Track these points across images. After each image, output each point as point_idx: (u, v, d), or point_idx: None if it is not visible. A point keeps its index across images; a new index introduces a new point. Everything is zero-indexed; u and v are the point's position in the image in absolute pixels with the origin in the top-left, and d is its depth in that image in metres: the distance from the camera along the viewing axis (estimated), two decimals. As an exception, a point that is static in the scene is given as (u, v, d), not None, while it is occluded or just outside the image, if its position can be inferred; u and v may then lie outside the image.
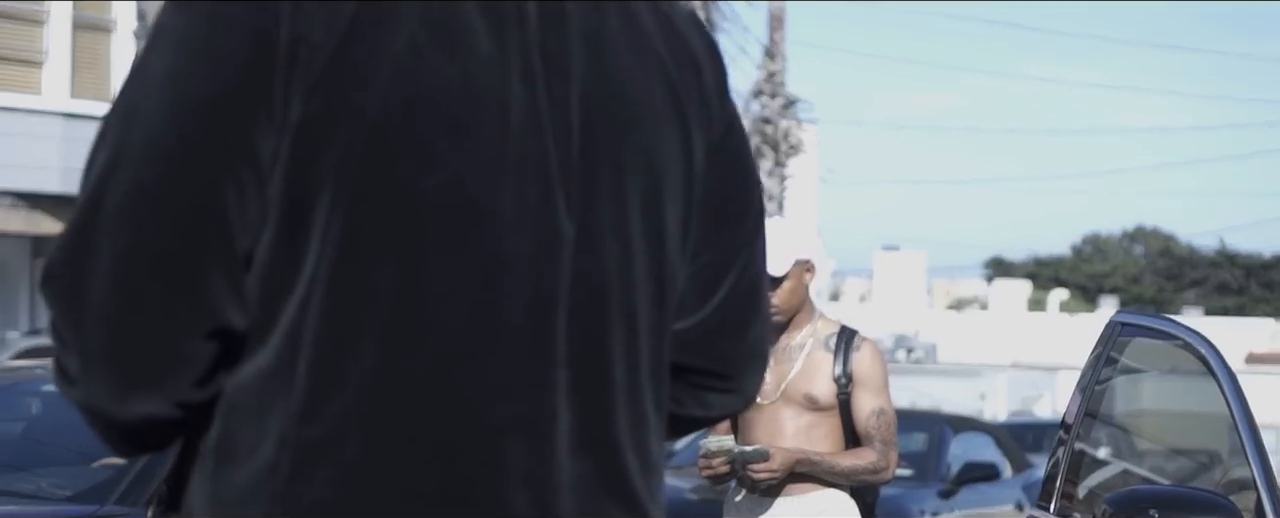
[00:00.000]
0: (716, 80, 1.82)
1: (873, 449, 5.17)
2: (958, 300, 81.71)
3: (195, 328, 1.55)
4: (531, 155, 1.62)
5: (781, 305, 5.23)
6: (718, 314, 1.81)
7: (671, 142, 1.73)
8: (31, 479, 5.79)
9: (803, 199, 34.07)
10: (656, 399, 1.73)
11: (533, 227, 1.61)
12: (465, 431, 1.58)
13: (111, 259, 1.53)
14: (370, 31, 1.56)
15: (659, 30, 1.76)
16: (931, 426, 12.17)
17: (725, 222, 1.81)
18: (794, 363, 5.25)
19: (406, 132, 1.56)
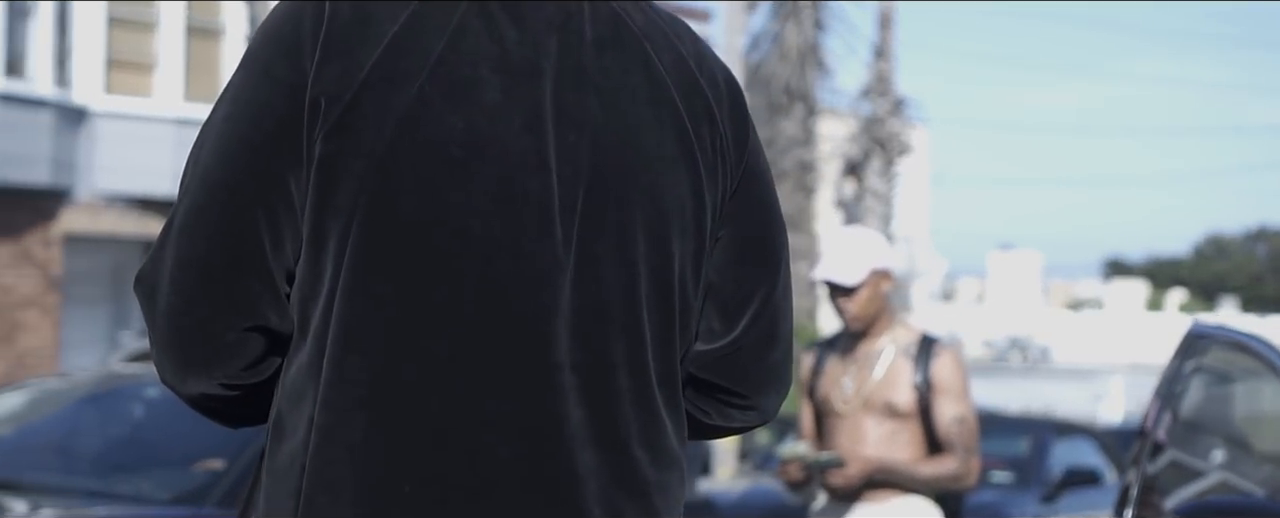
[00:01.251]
0: (734, 131, 2.00)
1: (954, 457, 5.18)
2: (1075, 301, 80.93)
3: (234, 324, 1.86)
4: (533, 193, 1.84)
5: (858, 314, 5.26)
6: (739, 340, 2.01)
7: (680, 185, 1.92)
8: (134, 482, 5.92)
9: (912, 200, 33.89)
10: (670, 403, 1.93)
11: (528, 253, 1.83)
12: (453, 422, 1.81)
13: (172, 267, 1.87)
14: (381, 85, 1.83)
15: (680, 86, 1.95)
16: (1034, 430, 12.11)
17: (745, 259, 2.01)
18: (874, 371, 5.28)
19: (409, 170, 1.82)
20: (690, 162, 1.94)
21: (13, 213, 17.46)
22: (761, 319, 2.03)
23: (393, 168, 1.82)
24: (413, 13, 1.87)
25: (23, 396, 7.18)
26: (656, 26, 1.98)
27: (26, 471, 6.02)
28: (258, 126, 1.85)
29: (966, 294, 76.23)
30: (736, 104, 2.02)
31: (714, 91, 1.99)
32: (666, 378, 1.93)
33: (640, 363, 1.89)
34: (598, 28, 1.94)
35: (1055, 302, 79.18)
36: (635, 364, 1.89)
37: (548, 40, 1.90)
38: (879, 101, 27.50)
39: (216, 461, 5.82)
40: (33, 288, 17.73)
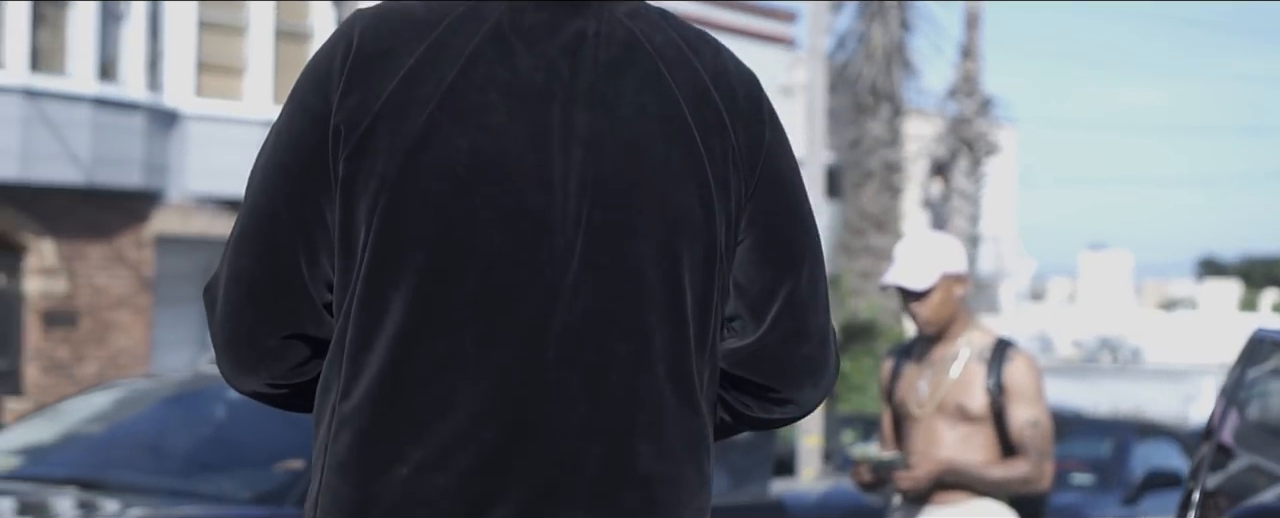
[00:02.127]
0: (749, 140, 2.13)
1: (1026, 460, 5.19)
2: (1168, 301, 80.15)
3: (275, 332, 2.10)
4: (534, 208, 2.02)
5: (930, 318, 5.29)
6: (766, 337, 2.14)
7: (688, 195, 2.07)
8: (216, 481, 6.03)
9: (1000, 200, 33.71)
10: (684, 401, 2.07)
11: (527, 263, 2.01)
12: (449, 415, 1.99)
13: (226, 282, 2.12)
14: (395, 113, 2.03)
15: (691, 100, 2.10)
16: (1116, 432, 12.06)
17: (767, 260, 2.14)
18: (948, 375, 5.30)
19: (416, 189, 2.02)
20: (698, 172, 2.08)
21: (106, 215, 17.72)
22: (786, 316, 2.14)
23: (402, 187, 2.02)
24: (431, 44, 2.06)
25: (112, 395, 7.33)
26: (673, 43, 2.12)
27: (113, 470, 6.15)
28: (293, 155, 2.08)
29: (1057, 294, 75.66)
30: (753, 115, 2.14)
31: (728, 104, 2.12)
32: (679, 378, 2.06)
33: (645, 363, 2.03)
34: (611, 49, 2.09)
35: (1148, 302, 78.46)
36: (640, 365, 2.03)
37: (561, 63, 2.07)
38: (966, 101, 27.41)
39: (297, 460, 5.92)
40: (125, 289, 17.99)
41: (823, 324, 2.19)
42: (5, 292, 16.99)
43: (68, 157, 16.59)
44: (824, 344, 2.19)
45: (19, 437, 7.23)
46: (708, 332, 2.10)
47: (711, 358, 2.11)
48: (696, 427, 2.08)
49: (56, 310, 17.12)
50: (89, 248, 17.61)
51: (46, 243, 17.15)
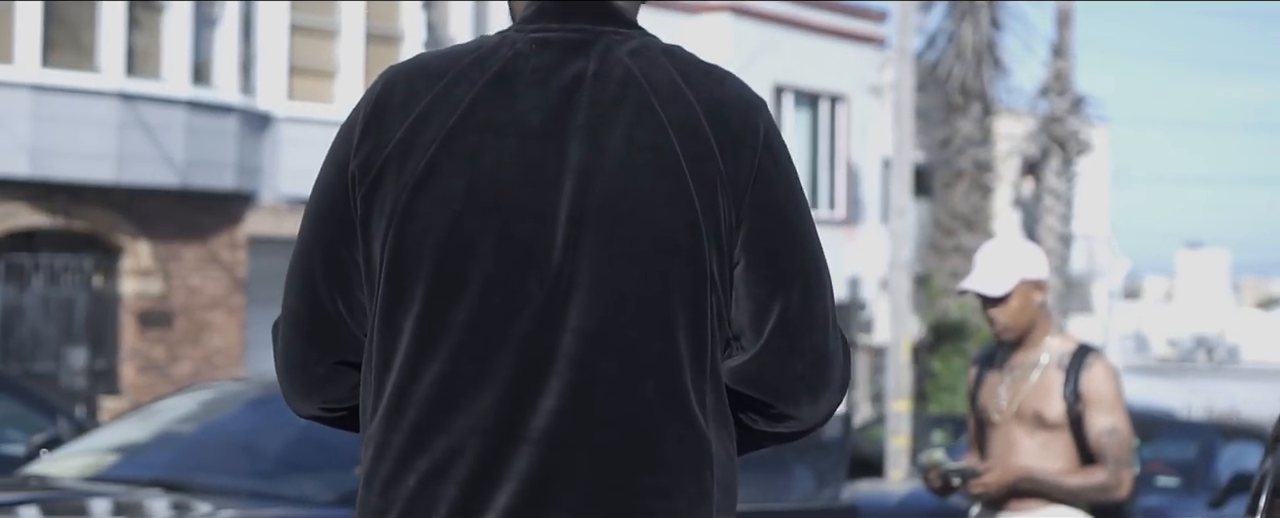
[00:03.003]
0: (736, 167, 2.24)
1: (1104, 468, 5.18)
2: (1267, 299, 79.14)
3: (322, 359, 2.32)
4: (524, 238, 2.20)
5: (1008, 324, 5.28)
6: (760, 355, 2.25)
7: (674, 220, 2.20)
8: (298, 483, 6.12)
9: (1092, 199, 33.43)
10: (679, 414, 2.20)
11: (518, 289, 2.19)
12: (449, 431, 2.18)
13: (281, 317, 2.37)
14: (401, 156, 2.24)
15: (681, 131, 2.23)
16: (1202, 434, 11.96)
17: (760, 281, 2.25)
18: (1027, 381, 5.31)
19: (417, 225, 2.22)
20: (684, 199, 2.20)
21: (200, 216, 17.95)
22: (779, 335, 2.25)
23: (405, 223, 2.22)
24: (437, 92, 2.26)
25: (201, 397, 7.46)
26: (668, 78, 2.25)
27: (198, 472, 6.26)
28: (323, 202, 2.31)
29: (1154, 293, 74.95)
30: (746, 143, 2.25)
31: (719, 133, 2.23)
32: (671, 393, 2.19)
33: (633, 380, 2.18)
34: (608, 88, 2.24)
35: (1246, 300, 77.54)
36: (628, 381, 2.18)
37: (559, 103, 2.24)
38: (1057, 100, 27.21)
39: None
40: (219, 289, 18.22)
41: (819, 342, 2.28)
42: (102, 292, 17.26)
43: (163, 159, 16.82)
44: (821, 362, 2.28)
45: (112, 437, 7.37)
46: (705, 349, 2.21)
47: (712, 374, 2.23)
48: (692, 440, 2.20)
49: (152, 311, 17.38)
50: (184, 249, 17.85)
51: (142, 244, 17.41)
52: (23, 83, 15.96)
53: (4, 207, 16.24)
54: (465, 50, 2.31)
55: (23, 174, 16.06)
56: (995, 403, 5.37)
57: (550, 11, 2.31)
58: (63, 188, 16.53)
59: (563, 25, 2.30)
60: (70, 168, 16.32)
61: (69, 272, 17.09)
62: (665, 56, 2.28)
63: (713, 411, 2.23)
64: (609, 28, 2.30)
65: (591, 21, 2.31)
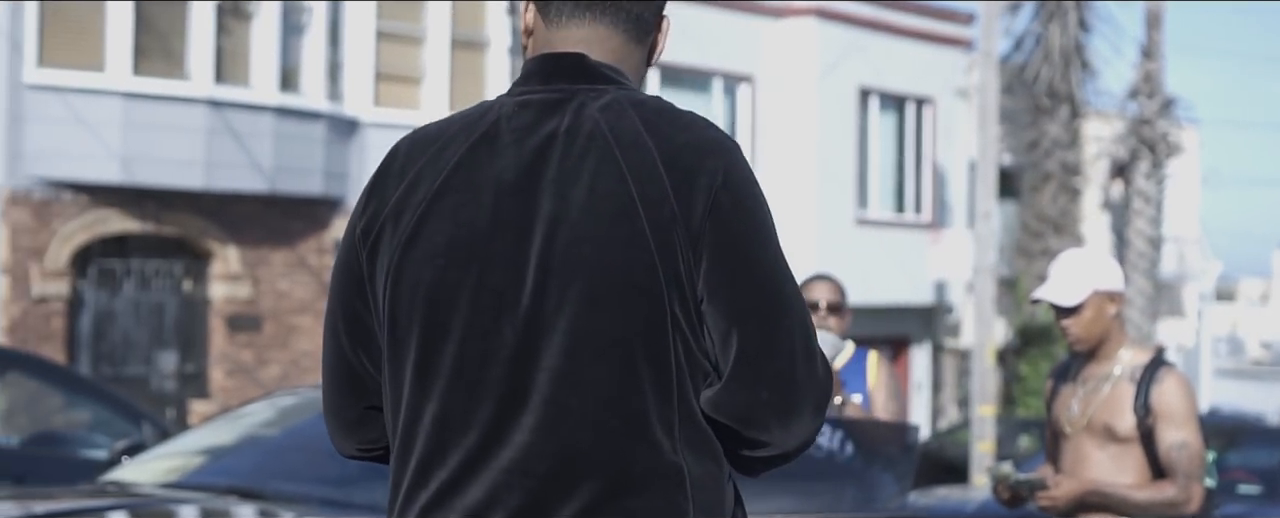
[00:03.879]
0: (693, 209, 2.40)
1: (1173, 483, 5.15)
2: (1365, 301, 77.90)
3: (353, 407, 2.59)
4: (495, 286, 2.41)
5: (1081, 335, 5.27)
6: (728, 384, 2.41)
7: (631, 262, 2.37)
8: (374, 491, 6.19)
9: (1183, 201, 33.12)
10: (643, 439, 2.38)
11: (493, 333, 2.40)
12: (445, 466, 2.41)
13: (321, 368, 2.63)
14: (395, 217, 2.48)
15: (639, 179, 2.40)
16: (1284, 441, 11.84)
17: (721, 313, 2.40)
18: (1099, 394, 5.29)
19: (407, 278, 2.46)
20: (640, 241, 2.38)
21: (288, 221, 18.13)
22: (741, 365, 2.40)
23: (398, 277, 2.46)
24: (430, 156, 2.49)
25: (280, 403, 7.56)
26: (632, 129, 2.43)
27: (275, 479, 6.35)
28: (340, 261, 2.56)
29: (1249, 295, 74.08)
30: (702, 185, 2.40)
31: (675, 178, 2.40)
32: (638, 424, 2.38)
33: (601, 413, 2.37)
34: (577, 141, 2.43)
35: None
36: (596, 414, 2.37)
37: (533, 159, 2.44)
38: (1147, 102, 26.97)
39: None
40: (307, 293, 18.40)
41: (783, 369, 2.40)
42: (192, 297, 17.48)
43: (251, 165, 17.01)
44: (787, 390, 2.41)
45: (193, 443, 7.49)
46: (670, 382, 2.39)
47: (682, 404, 2.40)
48: (661, 466, 2.38)
49: (240, 315, 17.57)
50: (272, 254, 18.03)
51: (231, 249, 17.60)
52: (114, 90, 16.18)
53: (96, 212, 16.48)
54: (460, 116, 2.53)
55: (114, 180, 16.29)
56: (1067, 415, 5.36)
57: (535, 74, 2.53)
58: (153, 194, 16.75)
59: (544, 87, 2.50)
60: (160, 174, 16.53)
61: (159, 276, 17.31)
62: (633, 108, 2.45)
63: (686, 437, 2.39)
64: (584, 85, 2.49)
65: (570, 81, 2.50)
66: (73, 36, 16.19)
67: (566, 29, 2.55)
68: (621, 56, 2.55)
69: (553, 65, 2.52)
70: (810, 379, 2.43)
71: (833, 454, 6.09)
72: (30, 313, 15.94)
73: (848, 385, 6.36)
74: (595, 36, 2.54)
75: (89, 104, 16.05)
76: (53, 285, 16.12)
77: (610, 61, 2.54)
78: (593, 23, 2.54)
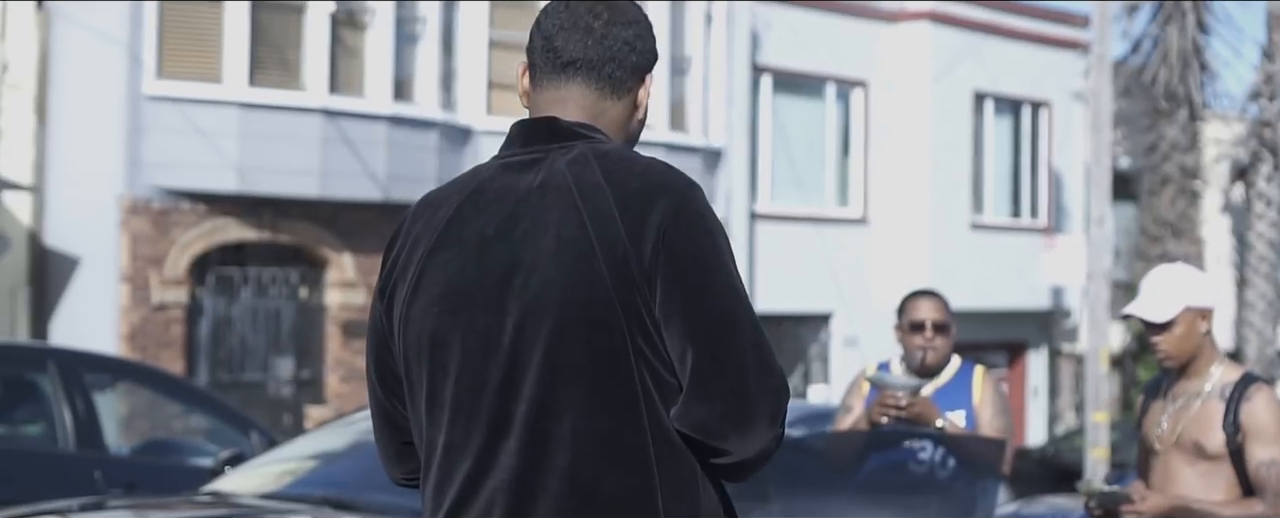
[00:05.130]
0: (643, 248, 2.71)
1: (1262, 500, 5.14)
2: None
3: (392, 442, 2.99)
4: (482, 327, 2.76)
5: (1171, 351, 5.27)
6: (687, 401, 2.72)
7: (594, 298, 2.70)
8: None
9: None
10: (618, 457, 2.70)
11: (481, 370, 2.75)
12: (453, 488, 2.77)
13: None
14: (401, 273, 2.89)
15: (597, 224, 2.72)
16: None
17: (675, 337, 2.71)
18: (1189, 411, 5.28)
19: (414, 326, 2.83)
20: (598, 279, 2.70)
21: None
22: (695, 383, 2.70)
23: (407, 326, 2.84)
24: (427, 218, 2.87)
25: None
26: (593, 181, 2.75)
27: (368, 490, 6.47)
28: (370, 317, 2.97)
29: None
30: (652, 224, 2.72)
31: (629, 221, 2.72)
32: (610, 443, 2.70)
33: (575, 436, 2.70)
34: (547, 194, 2.77)
35: None
36: (571, 437, 2.70)
37: (510, 214, 2.79)
38: (1268, 105, 26.58)
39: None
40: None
41: (734, 386, 2.70)
42: (308, 304, 17.73)
43: (365, 174, 17.22)
44: (740, 403, 2.70)
45: (296, 451, 7.64)
46: (637, 404, 2.71)
47: (652, 422, 2.71)
48: (633, 480, 2.70)
49: (355, 321, 17.79)
50: (386, 261, 18.22)
51: (346, 257, 17.83)
52: (231, 101, 16.45)
53: (213, 221, 16.77)
54: (456, 181, 2.92)
55: (231, 190, 16.56)
56: (1157, 431, 5.35)
57: (516, 139, 2.88)
58: (269, 202, 17.01)
59: (523, 149, 2.86)
60: (276, 183, 16.78)
61: (276, 284, 17.58)
62: (597, 159, 2.79)
63: (659, 454, 2.71)
64: (557, 144, 2.83)
65: (545, 141, 2.84)
66: (191, 48, 16.49)
67: (547, 90, 2.90)
68: (596, 113, 2.89)
69: (530, 130, 2.88)
70: (762, 392, 2.71)
71: (934, 469, 6.11)
72: (150, 320, 16.26)
73: (951, 401, 6.36)
74: (571, 96, 2.89)
75: (207, 115, 16.34)
76: (172, 293, 16.43)
77: (586, 118, 2.88)
78: (567, 83, 2.89)
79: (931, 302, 6.48)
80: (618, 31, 2.91)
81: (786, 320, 22.66)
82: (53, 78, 15.75)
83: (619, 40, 2.90)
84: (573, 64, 2.89)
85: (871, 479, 6.15)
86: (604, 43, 2.89)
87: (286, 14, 16.98)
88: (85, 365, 9.34)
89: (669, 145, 20.35)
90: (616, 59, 2.90)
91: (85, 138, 15.89)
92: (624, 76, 2.91)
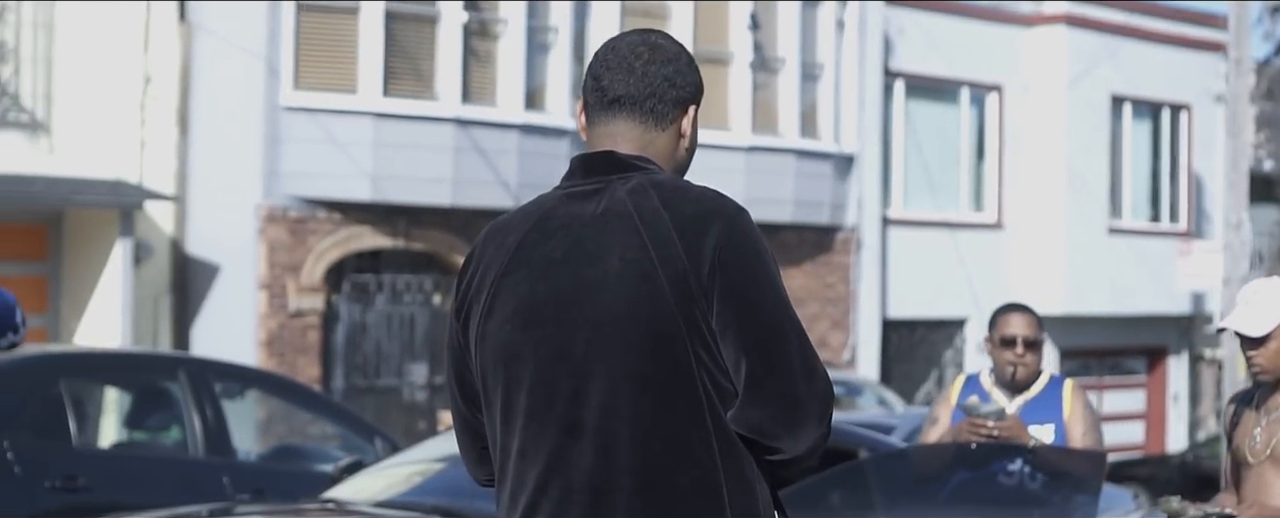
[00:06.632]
0: (701, 266, 2.99)
1: (1358, 512, 5.14)
2: None
3: (472, 447, 3.26)
4: (552, 341, 3.04)
5: (1266, 366, 5.26)
6: (742, 404, 3.00)
7: (657, 314, 2.98)
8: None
9: None
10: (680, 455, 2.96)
11: (552, 381, 3.03)
12: (527, 489, 3.02)
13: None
14: (476, 294, 3.16)
15: (656, 244, 3.01)
16: None
17: (730, 347, 3.00)
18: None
19: (489, 341, 3.11)
20: (660, 296, 2.98)
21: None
22: (750, 388, 2.99)
23: (482, 342, 3.12)
24: (498, 242, 3.15)
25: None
26: (652, 207, 3.04)
27: (476, 499, 6.60)
28: (448, 336, 3.23)
29: None
30: (709, 246, 3.00)
31: (687, 243, 3.00)
32: (676, 444, 2.96)
33: (643, 439, 2.95)
34: (609, 221, 3.06)
35: None
36: (639, 440, 2.96)
37: (576, 239, 3.07)
38: None
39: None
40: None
41: (785, 390, 2.99)
42: (441, 310, 17.96)
43: (497, 182, 17.43)
44: (791, 406, 2.99)
45: (416, 456, 7.80)
46: (700, 407, 2.98)
47: (715, 424, 2.98)
48: (699, 477, 2.96)
49: (488, 327, 18.00)
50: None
51: (478, 264, 18.03)
52: (365, 111, 16.73)
53: (349, 229, 17.07)
54: (522, 210, 3.18)
55: (365, 198, 16.85)
56: (1250, 444, 5.34)
57: (577, 171, 3.17)
58: (403, 211, 17.28)
59: (584, 180, 3.15)
60: (410, 191, 17.04)
61: (410, 290, 17.85)
62: (654, 189, 3.08)
63: (721, 452, 2.98)
64: (616, 175, 3.12)
65: (604, 173, 3.14)
66: (326, 60, 16.81)
67: (599, 125, 3.20)
68: (644, 144, 3.18)
69: (590, 163, 3.17)
70: (810, 395, 3.01)
71: (1027, 483, 6.14)
72: (287, 327, 16.59)
73: (1040, 415, 6.37)
74: (619, 130, 3.19)
75: (342, 125, 16.65)
76: (308, 300, 16.75)
77: (635, 149, 3.17)
78: (614, 119, 3.19)
79: (1023, 317, 6.48)
80: (657, 69, 3.19)
81: (920, 326, 22.60)
82: (194, 90, 16.13)
83: (658, 77, 3.19)
84: (618, 100, 3.18)
85: (971, 491, 6.19)
86: (645, 80, 3.18)
87: (420, 25, 17.25)
88: (214, 373, 9.59)
89: (799, 151, 20.39)
90: (657, 94, 3.19)
91: (225, 148, 16.26)
92: (665, 109, 3.19)
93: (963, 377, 6.65)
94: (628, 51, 3.20)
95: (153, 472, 9.00)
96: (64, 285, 15.71)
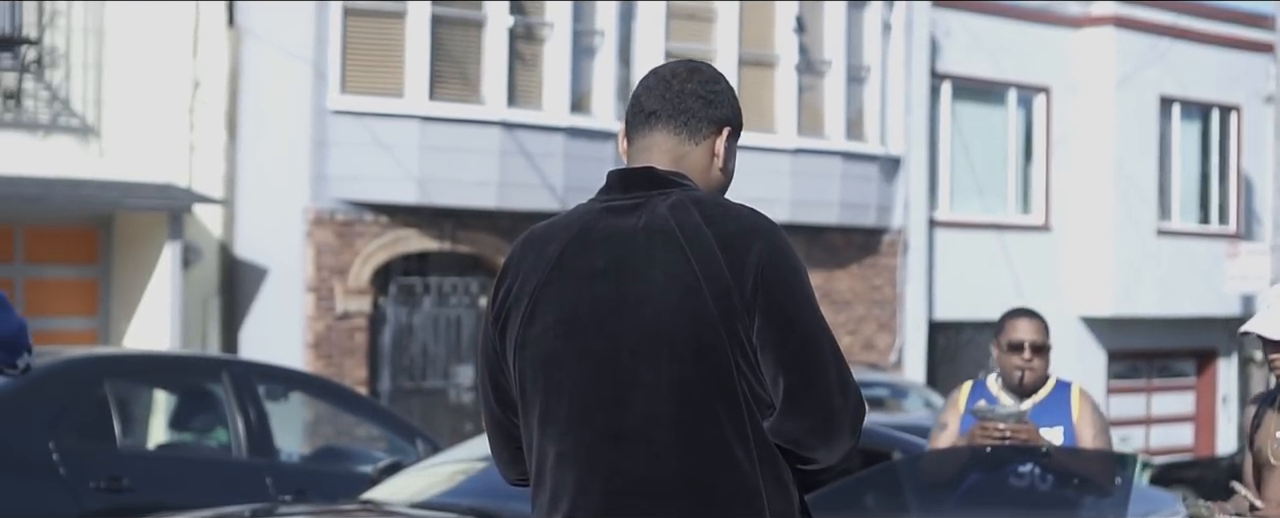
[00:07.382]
0: (744, 281, 3.10)
1: (1380, 514, 5.15)
2: None
3: (505, 448, 3.34)
4: (596, 350, 3.13)
5: (1293, 370, 5.28)
6: (780, 416, 3.11)
7: (700, 326, 3.08)
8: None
9: None
10: (721, 465, 3.07)
11: (595, 386, 3.12)
12: (568, 493, 3.10)
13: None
14: (515, 302, 3.24)
15: (700, 260, 3.10)
16: None
17: (769, 361, 3.11)
18: None
19: (530, 349, 3.18)
20: (705, 309, 3.08)
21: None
22: (788, 401, 3.10)
23: (522, 349, 3.19)
24: (537, 252, 3.23)
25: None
26: (693, 223, 3.13)
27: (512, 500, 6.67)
28: (483, 341, 3.32)
29: None
30: (751, 262, 3.10)
31: (730, 258, 3.10)
32: (717, 451, 3.07)
33: (685, 444, 3.06)
34: (651, 235, 3.14)
35: None
36: (681, 446, 3.06)
37: (618, 252, 3.16)
38: None
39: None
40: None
41: (821, 403, 3.11)
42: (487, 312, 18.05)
43: (543, 185, 17.52)
44: (826, 418, 3.12)
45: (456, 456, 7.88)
46: (741, 416, 3.08)
47: (755, 432, 3.09)
48: (738, 483, 3.07)
49: (534, 330, 18.08)
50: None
51: (524, 266, 18.11)
52: (412, 114, 16.83)
53: (396, 232, 17.18)
54: (561, 220, 3.27)
55: (412, 201, 16.96)
56: (1273, 446, 5.36)
57: (615, 185, 3.25)
58: (449, 213, 17.38)
59: (624, 194, 3.22)
60: (456, 194, 17.14)
61: (456, 293, 17.95)
62: (694, 205, 3.16)
63: (759, 458, 3.09)
64: (656, 191, 3.20)
65: (644, 188, 3.21)
66: (373, 64, 16.93)
67: (638, 140, 3.30)
68: (678, 157, 3.27)
69: (629, 178, 3.26)
70: (845, 409, 3.13)
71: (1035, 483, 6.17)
72: (334, 329, 16.71)
73: (1048, 418, 6.40)
74: (654, 142, 3.28)
75: (388, 128, 16.76)
76: (355, 302, 16.87)
77: (670, 161, 3.27)
78: (650, 131, 3.29)
79: (1031, 322, 6.52)
80: (692, 88, 3.31)
81: (966, 328, 22.57)
82: (242, 94, 16.27)
83: (692, 95, 3.30)
84: (653, 114, 3.29)
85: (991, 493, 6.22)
86: (680, 96, 3.29)
87: (466, 28, 17.35)
88: (257, 375, 9.69)
89: (846, 154, 20.40)
90: (690, 109, 3.29)
91: (273, 152, 16.40)
92: (698, 124, 3.29)
93: (969, 382, 6.69)
94: (668, 74, 3.34)
95: (196, 473, 9.11)
96: (114, 288, 15.87)
